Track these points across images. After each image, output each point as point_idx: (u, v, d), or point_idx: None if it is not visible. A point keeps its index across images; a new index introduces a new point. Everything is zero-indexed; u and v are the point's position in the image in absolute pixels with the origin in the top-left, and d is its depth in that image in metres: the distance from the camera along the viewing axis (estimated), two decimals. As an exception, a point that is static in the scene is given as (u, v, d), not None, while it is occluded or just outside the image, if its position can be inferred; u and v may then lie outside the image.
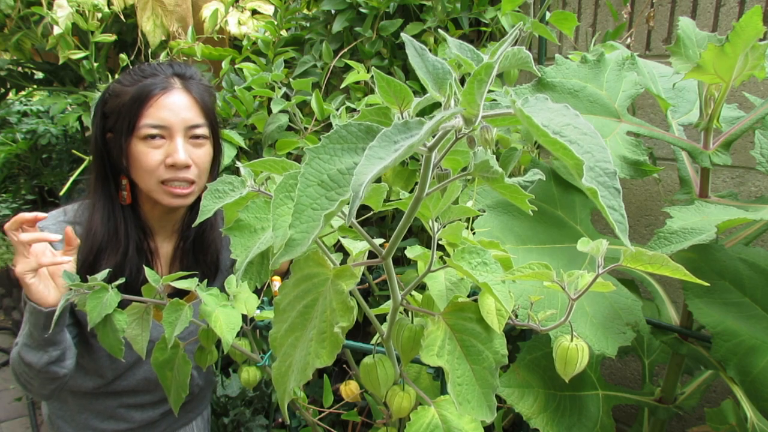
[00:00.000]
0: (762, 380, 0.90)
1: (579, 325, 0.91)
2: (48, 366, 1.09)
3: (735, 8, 1.41)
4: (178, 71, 1.19)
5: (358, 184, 0.36)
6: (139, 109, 1.12)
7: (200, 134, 1.17)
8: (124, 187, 1.19)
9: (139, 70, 1.17)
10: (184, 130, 1.15)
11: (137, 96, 1.12)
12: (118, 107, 1.14)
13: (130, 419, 1.31)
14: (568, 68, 1.07)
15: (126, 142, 1.14)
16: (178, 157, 1.13)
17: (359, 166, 0.38)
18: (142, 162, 1.13)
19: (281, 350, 0.69)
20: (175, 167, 1.14)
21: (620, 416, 1.69)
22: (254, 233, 0.72)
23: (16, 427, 2.99)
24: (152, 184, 1.15)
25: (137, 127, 1.12)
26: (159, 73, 1.16)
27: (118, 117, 1.14)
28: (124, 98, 1.13)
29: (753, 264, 0.97)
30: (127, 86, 1.15)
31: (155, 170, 1.14)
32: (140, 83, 1.14)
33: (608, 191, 0.41)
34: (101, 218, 1.17)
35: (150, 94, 1.12)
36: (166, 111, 1.13)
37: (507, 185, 0.61)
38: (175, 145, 1.14)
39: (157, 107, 1.13)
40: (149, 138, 1.13)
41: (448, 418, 0.73)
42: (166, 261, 1.29)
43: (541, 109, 0.43)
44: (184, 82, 1.18)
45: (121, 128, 1.13)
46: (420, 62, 0.47)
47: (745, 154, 1.40)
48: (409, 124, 0.41)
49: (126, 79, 1.16)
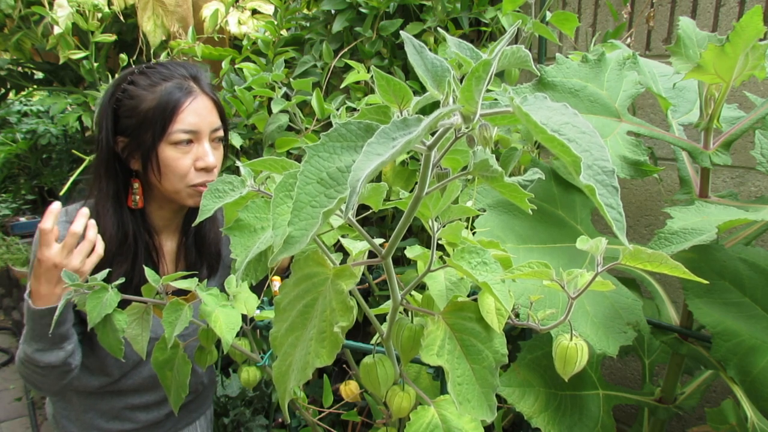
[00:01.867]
0: (762, 380, 0.90)
1: (580, 325, 0.91)
2: (66, 360, 1.12)
3: (735, 8, 1.41)
4: (192, 73, 1.19)
5: (355, 179, 0.36)
6: (171, 115, 1.12)
7: (221, 136, 1.21)
8: (137, 191, 1.19)
9: (153, 72, 1.16)
10: (209, 133, 1.17)
11: (166, 102, 1.12)
12: (140, 112, 1.13)
13: (135, 419, 1.32)
14: (569, 68, 1.07)
15: (154, 147, 1.14)
16: (210, 161, 1.16)
17: (357, 162, 0.38)
18: (173, 167, 1.14)
19: (281, 349, 0.69)
20: (205, 170, 1.16)
21: (620, 416, 1.69)
22: (254, 233, 0.72)
23: (16, 427, 2.99)
24: (181, 188, 1.16)
25: (169, 133, 1.13)
26: (174, 74, 1.16)
27: (143, 122, 1.13)
28: (146, 103, 1.13)
29: (753, 264, 0.97)
30: (144, 90, 1.14)
31: (187, 174, 1.15)
32: (160, 87, 1.14)
33: (606, 189, 0.41)
34: (112, 224, 1.17)
35: (180, 101, 1.13)
36: (195, 116, 1.15)
37: (506, 184, 0.61)
38: (203, 148, 1.16)
39: (188, 113, 1.14)
40: (181, 143, 1.14)
41: (447, 417, 0.73)
42: (171, 258, 1.30)
43: (540, 108, 0.43)
44: (199, 84, 1.18)
45: (147, 134, 1.13)
46: (419, 60, 0.47)
47: (745, 154, 1.40)
48: (408, 122, 0.41)
49: (142, 81, 1.15)
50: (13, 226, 3.94)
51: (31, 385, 1.18)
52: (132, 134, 1.15)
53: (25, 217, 4.10)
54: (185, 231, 1.29)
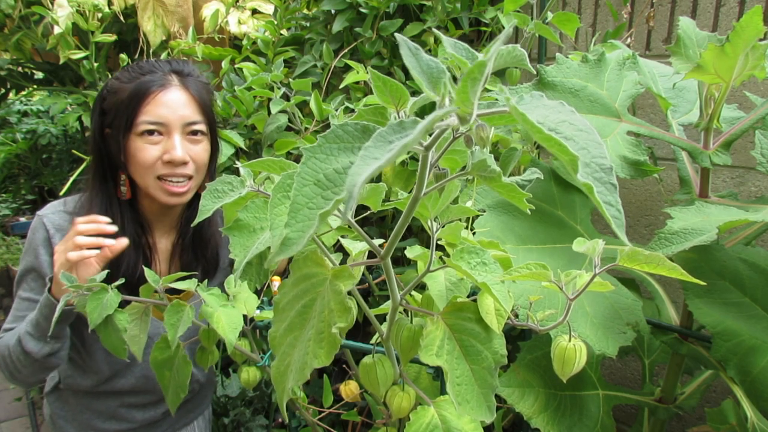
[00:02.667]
0: (762, 380, 0.90)
1: (579, 325, 0.91)
2: (47, 357, 1.11)
3: (735, 8, 1.40)
4: (176, 68, 1.19)
5: (352, 184, 0.36)
6: (137, 106, 1.13)
7: (198, 130, 1.18)
8: (124, 183, 1.19)
9: (137, 67, 1.17)
10: (181, 126, 1.16)
11: (135, 93, 1.13)
12: (116, 104, 1.15)
13: (132, 419, 1.31)
14: (569, 67, 1.07)
15: (124, 138, 1.14)
16: (176, 154, 1.14)
17: (354, 166, 0.38)
18: (138, 158, 1.14)
19: (280, 349, 0.69)
20: (172, 164, 1.15)
21: (620, 416, 1.69)
22: (253, 233, 0.71)
23: (16, 427, 2.99)
24: (149, 180, 1.16)
25: (135, 124, 1.13)
26: (157, 70, 1.17)
27: (117, 113, 1.14)
28: (122, 95, 1.14)
29: (753, 264, 0.97)
30: (125, 83, 1.15)
31: (152, 166, 1.14)
32: (138, 80, 1.14)
33: (604, 186, 0.41)
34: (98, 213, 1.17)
35: (147, 91, 1.13)
36: (163, 108, 1.14)
37: (505, 184, 0.61)
38: (172, 141, 1.14)
39: (155, 104, 1.13)
40: (146, 134, 1.13)
41: (447, 418, 0.72)
42: (165, 257, 1.29)
43: (536, 107, 0.43)
44: (182, 79, 1.18)
45: (120, 125, 1.14)
46: (414, 62, 0.47)
47: (745, 154, 1.40)
48: (404, 124, 0.41)
49: (124, 76, 1.17)
50: (13, 226, 3.94)
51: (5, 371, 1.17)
52: (111, 125, 1.17)
53: (25, 217, 4.11)
54: (182, 231, 1.29)
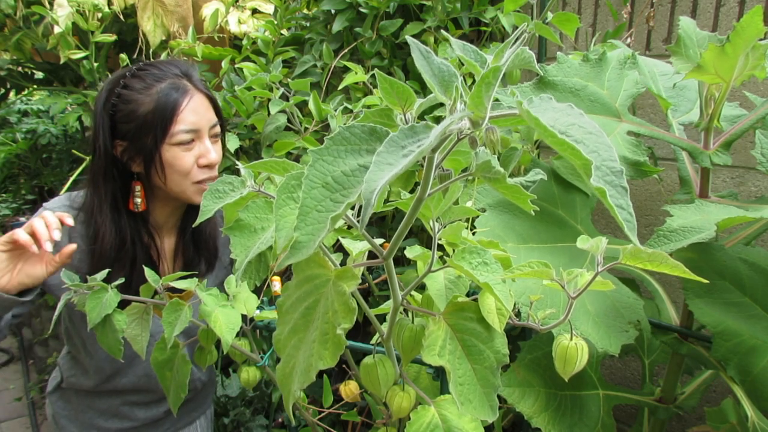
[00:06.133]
0: (762, 380, 0.90)
1: (581, 324, 0.91)
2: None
3: (735, 8, 1.41)
4: (183, 70, 1.19)
5: (369, 191, 0.36)
6: (172, 117, 1.13)
7: (218, 132, 1.22)
8: (139, 194, 1.19)
9: (146, 74, 1.16)
10: (208, 129, 1.18)
11: (163, 105, 1.12)
12: (138, 116, 1.13)
13: (134, 417, 1.32)
14: (570, 67, 1.07)
15: (157, 149, 1.14)
16: (212, 157, 1.17)
17: (369, 172, 0.37)
18: (177, 166, 1.15)
19: (285, 352, 0.69)
20: (209, 167, 1.17)
21: (620, 416, 1.69)
22: (254, 233, 0.71)
23: (16, 427, 2.99)
24: (186, 186, 1.17)
25: (171, 134, 1.13)
26: (167, 74, 1.16)
27: (142, 126, 1.13)
28: (143, 107, 1.12)
29: (753, 264, 0.97)
30: (140, 93, 1.13)
31: (190, 172, 1.16)
32: (155, 89, 1.13)
33: (616, 190, 0.41)
34: (110, 231, 1.16)
35: (178, 101, 1.14)
36: (193, 114, 1.15)
37: (509, 185, 0.61)
38: (205, 145, 1.17)
39: (187, 112, 1.14)
40: (183, 143, 1.14)
41: (448, 417, 0.73)
42: (170, 256, 1.30)
43: (546, 109, 0.43)
44: (191, 81, 1.19)
45: (148, 137, 1.13)
46: (425, 65, 0.47)
47: (745, 154, 1.40)
48: (416, 129, 0.41)
49: (135, 85, 1.14)
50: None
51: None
52: (132, 138, 1.14)
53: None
54: (183, 229, 1.29)
